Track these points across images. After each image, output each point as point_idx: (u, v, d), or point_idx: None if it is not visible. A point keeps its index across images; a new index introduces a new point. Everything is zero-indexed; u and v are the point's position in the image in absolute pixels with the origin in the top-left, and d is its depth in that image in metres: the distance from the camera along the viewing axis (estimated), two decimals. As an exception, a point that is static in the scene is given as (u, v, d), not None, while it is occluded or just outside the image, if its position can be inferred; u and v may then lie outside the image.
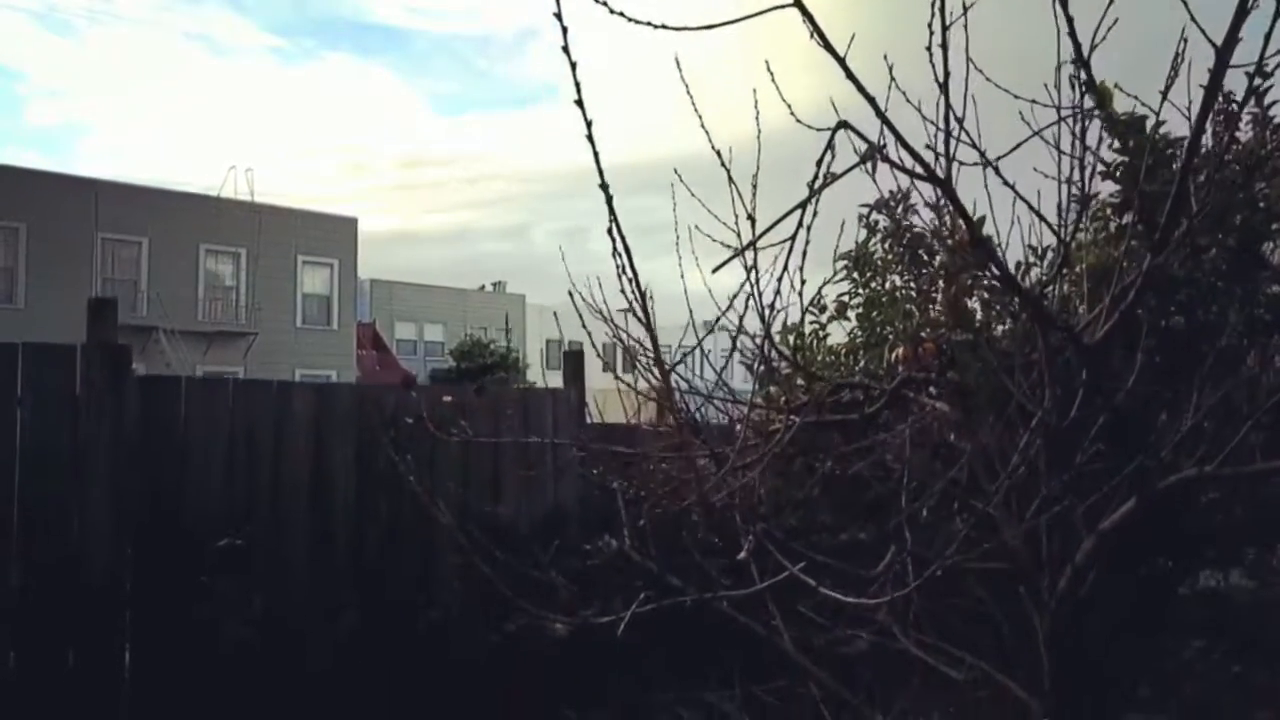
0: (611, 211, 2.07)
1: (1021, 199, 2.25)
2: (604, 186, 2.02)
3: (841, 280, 4.31)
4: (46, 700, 4.00)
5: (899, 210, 4.54)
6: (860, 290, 4.36)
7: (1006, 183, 2.25)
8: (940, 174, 1.90)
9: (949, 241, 3.78)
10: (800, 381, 2.94)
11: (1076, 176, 2.49)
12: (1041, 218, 2.28)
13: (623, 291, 2.22)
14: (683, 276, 2.64)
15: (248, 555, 4.21)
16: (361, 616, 4.60)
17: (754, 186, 2.42)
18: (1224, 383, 2.70)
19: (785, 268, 2.02)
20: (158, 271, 29.73)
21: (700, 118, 2.42)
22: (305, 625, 4.37)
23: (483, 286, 46.34)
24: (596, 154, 1.96)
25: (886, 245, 4.56)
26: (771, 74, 2.13)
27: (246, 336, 31.40)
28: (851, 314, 4.34)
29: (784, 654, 3.19)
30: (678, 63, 2.45)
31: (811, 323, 4.46)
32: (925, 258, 4.41)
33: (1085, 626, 2.76)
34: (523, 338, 40.35)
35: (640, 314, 2.20)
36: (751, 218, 2.38)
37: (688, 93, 2.36)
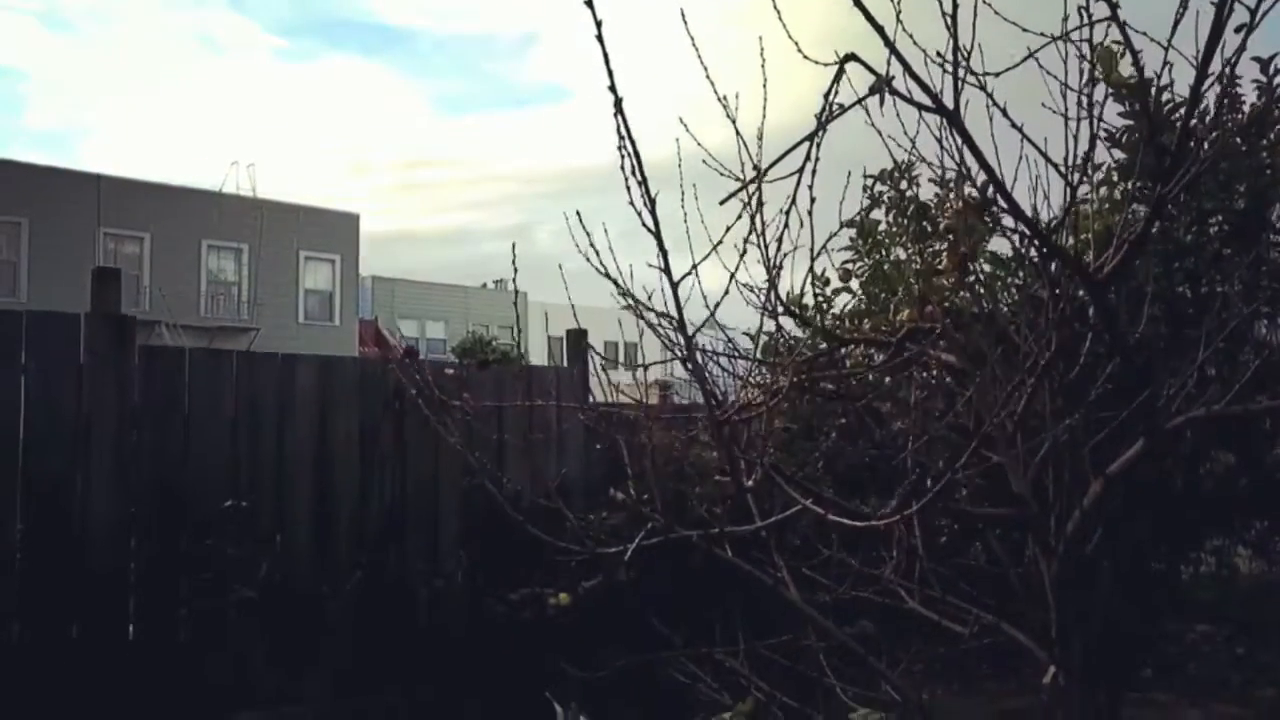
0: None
1: (1028, 140, 2.24)
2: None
3: (846, 249, 4.31)
4: (51, 664, 4.00)
5: (903, 182, 4.55)
6: (865, 258, 4.36)
7: (1014, 125, 2.24)
8: (949, 106, 1.90)
9: (956, 205, 3.77)
10: (803, 335, 2.93)
11: (1086, 133, 2.48)
12: (1049, 159, 2.27)
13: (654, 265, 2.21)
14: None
15: (253, 519, 4.21)
16: (365, 582, 4.60)
17: (759, 136, 2.41)
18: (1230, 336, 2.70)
19: (793, 201, 2.01)
20: (160, 266, 29.73)
21: (706, 68, 2.41)
22: (309, 589, 4.37)
23: (485, 284, 46.34)
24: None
25: (891, 217, 4.56)
26: (779, 12, 2.13)
27: (248, 332, 31.40)
28: (855, 282, 4.34)
29: (790, 613, 3.19)
30: (683, 15, 2.45)
31: (816, 294, 4.47)
32: (930, 229, 4.41)
33: (1095, 581, 2.76)
34: (525, 335, 40.23)
35: (664, 269, 2.18)
36: (757, 167, 2.38)
37: (697, 52, 2.35)
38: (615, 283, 3.15)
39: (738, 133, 2.50)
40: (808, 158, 1.96)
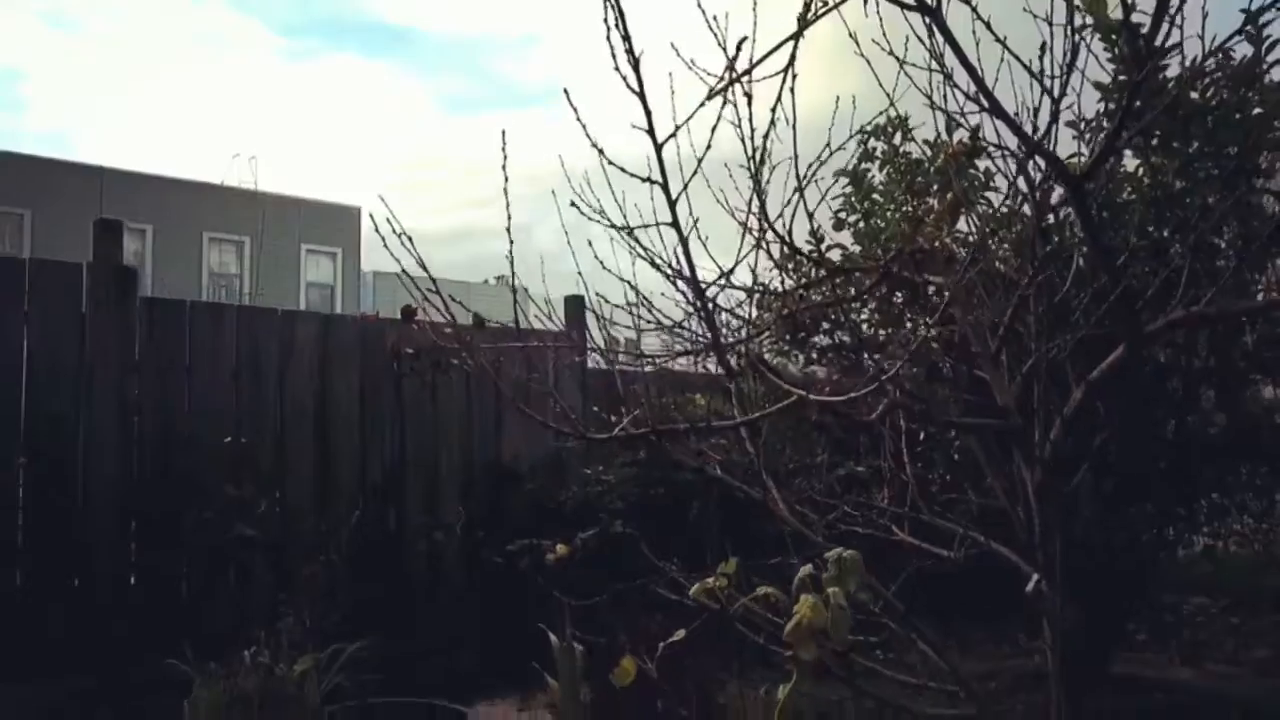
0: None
1: (1011, 53, 2.28)
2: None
3: (839, 197, 4.35)
4: (54, 610, 4.05)
5: (896, 136, 4.59)
6: (858, 208, 4.40)
7: (997, 38, 2.28)
8: (930, 2, 1.94)
9: (949, 150, 3.81)
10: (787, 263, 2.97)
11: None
12: (1030, 71, 2.31)
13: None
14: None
15: (254, 467, 4.26)
16: (364, 532, 4.65)
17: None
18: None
19: (778, 98, 2.06)
20: (161, 259, 29.79)
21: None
22: (310, 533, 4.42)
23: (486, 280, 46.37)
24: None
25: (884, 172, 4.60)
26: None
27: (250, 325, 31.39)
28: (848, 230, 4.38)
29: (781, 549, 3.23)
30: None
31: (809, 246, 4.51)
32: (923, 183, 4.46)
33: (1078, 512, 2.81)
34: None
35: (649, 130, 2.19)
36: (731, 67, 2.40)
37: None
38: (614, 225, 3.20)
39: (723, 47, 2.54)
40: (792, 58, 2.01)
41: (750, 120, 2.08)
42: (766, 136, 2.09)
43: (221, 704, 2.46)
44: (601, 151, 1.90)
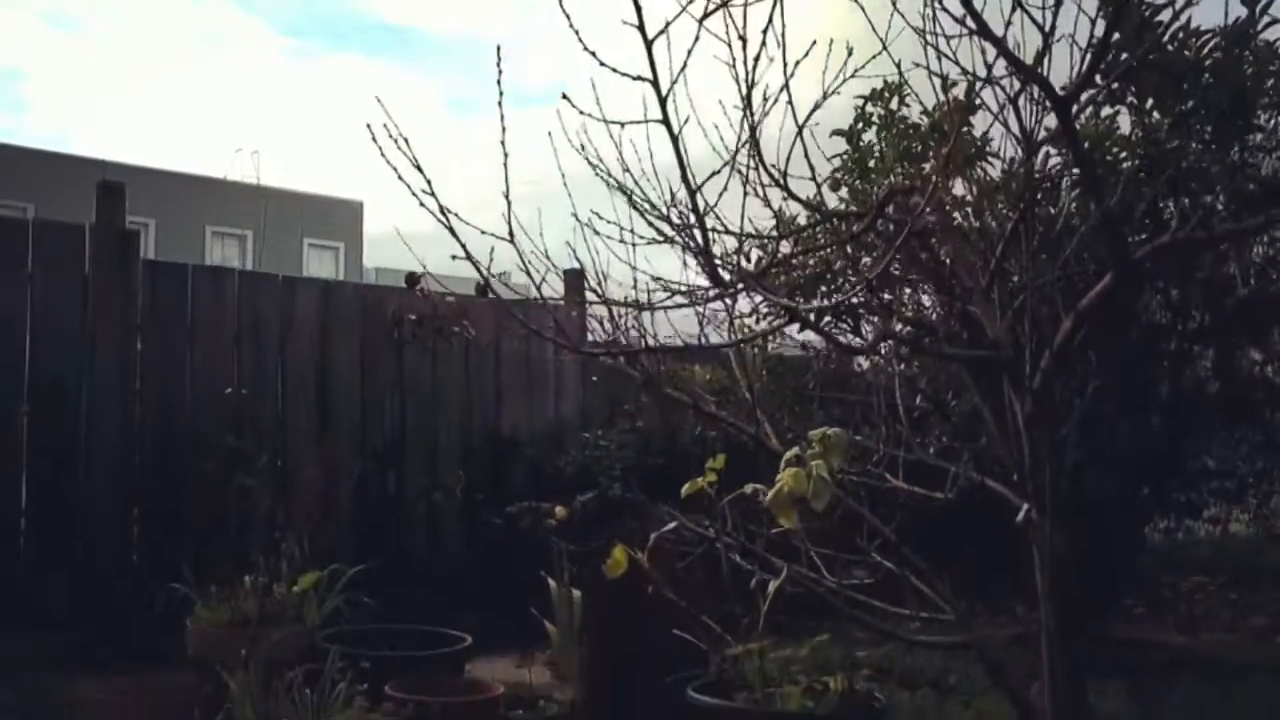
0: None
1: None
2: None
3: (835, 156, 4.38)
4: (57, 561, 4.09)
5: (893, 100, 4.61)
6: (854, 169, 4.43)
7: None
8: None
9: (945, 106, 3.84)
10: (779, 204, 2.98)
11: None
12: (1024, 8, 2.33)
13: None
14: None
15: (255, 422, 4.31)
16: (364, 492, 4.70)
17: None
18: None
19: (769, 20, 2.08)
20: (164, 252, 29.78)
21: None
22: (311, 491, 4.45)
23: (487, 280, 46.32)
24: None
25: (881, 137, 4.63)
26: None
27: (252, 320, 31.45)
28: (845, 191, 4.41)
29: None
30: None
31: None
32: (919, 149, 4.49)
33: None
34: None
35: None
36: None
37: None
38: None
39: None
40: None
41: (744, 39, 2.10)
42: (757, 59, 2.12)
43: (222, 623, 2.49)
44: (594, 54, 1.93)
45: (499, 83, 2.10)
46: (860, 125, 4.41)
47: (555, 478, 5.37)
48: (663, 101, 2.02)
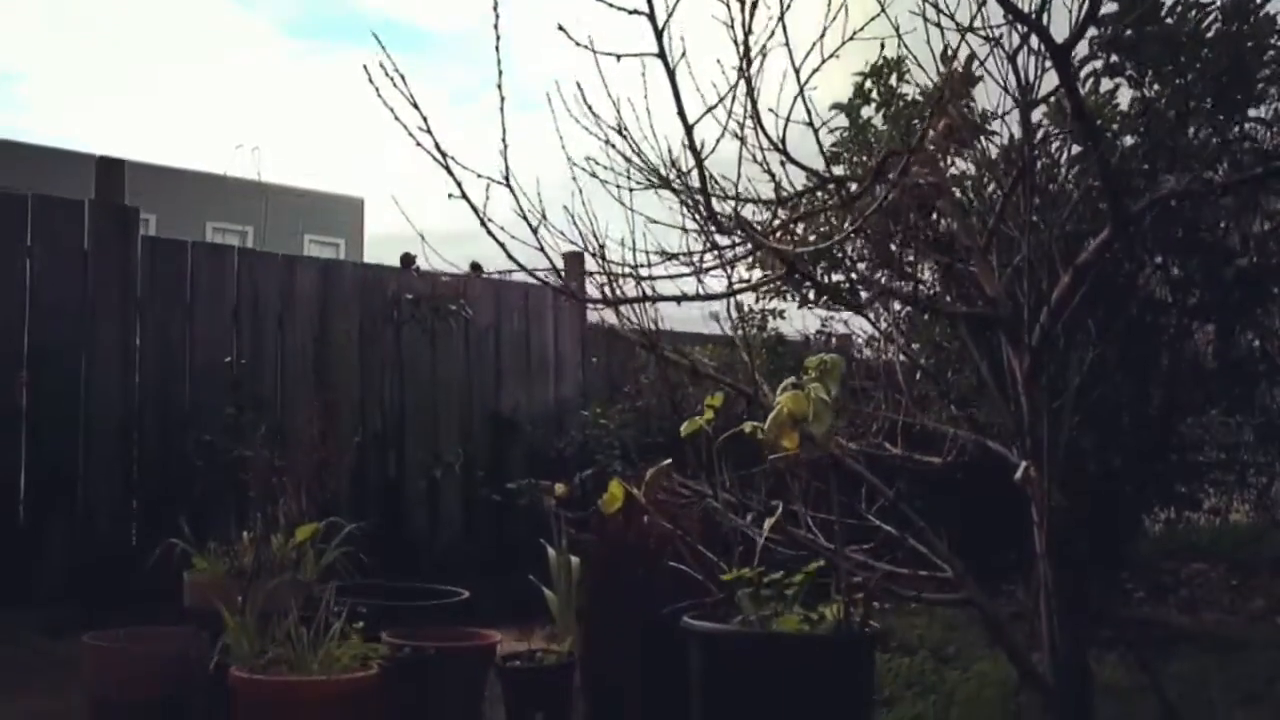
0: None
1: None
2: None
3: (835, 131, 4.38)
4: (59, 525, 4.10)
5: (893, 77, 4.61)
6: (852, 143, 4.43)
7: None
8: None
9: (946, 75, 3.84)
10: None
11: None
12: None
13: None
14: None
15: (255, 395, 4.32)
16: (360, 467, 4.70)
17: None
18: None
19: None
20: (165, 249, 29.82)
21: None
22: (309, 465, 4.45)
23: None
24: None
25: (880, 113, 4.63)
26: None
27: (253, 316, 31.42)
28: (843, 168, 4.41)
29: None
30: None
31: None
32: (918, 124, 4.48)
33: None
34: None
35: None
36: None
37: None
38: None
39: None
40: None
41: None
42: (754, 8, 2.12)
43: (220, 573, 2.49)
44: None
45: (495, 26, 2.07)
46: (859, 101, 4.41)
47: (555, 459, 5.37)
48: (659, 34, 2.02)
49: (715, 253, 2.66)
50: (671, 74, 2.06)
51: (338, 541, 2.48)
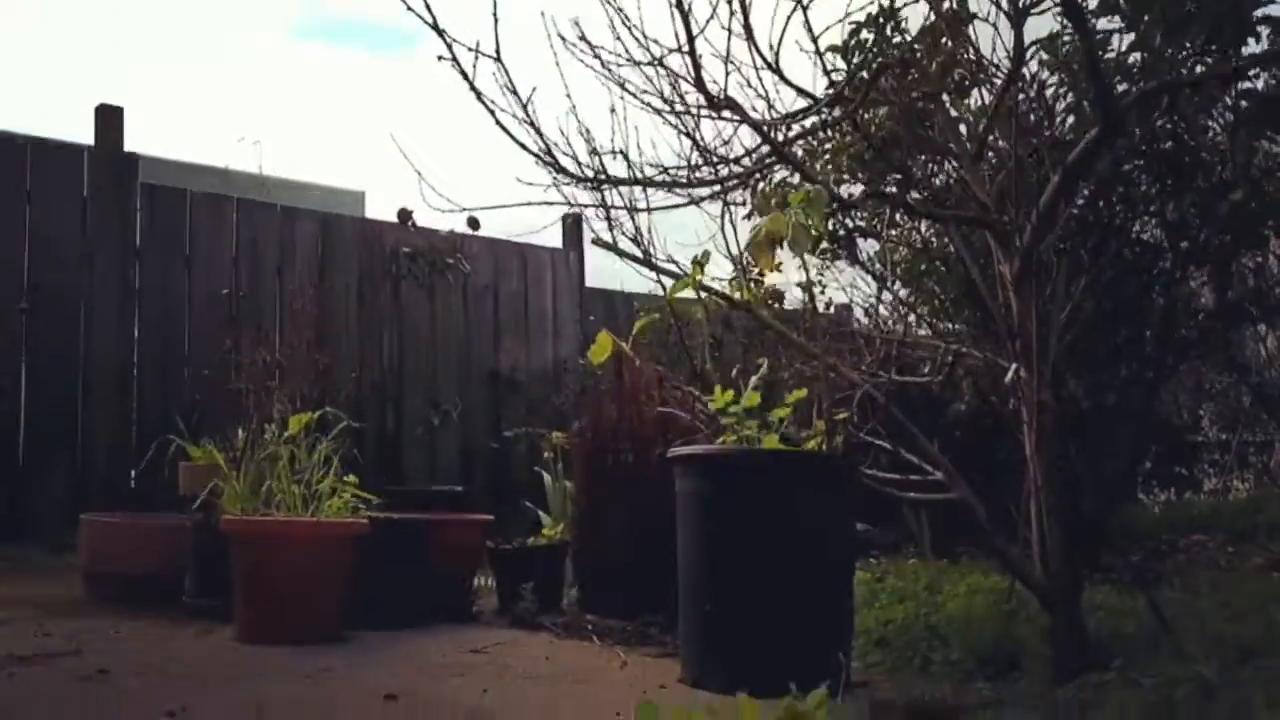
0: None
1: None
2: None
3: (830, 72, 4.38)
4: (61, 480, 4.13)
5: (888, 28, 4.62)
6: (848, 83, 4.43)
7: None
8: None
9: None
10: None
11: None
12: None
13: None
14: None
15: (254, 328, 4.34)
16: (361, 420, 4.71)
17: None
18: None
19: None
20: (166, 242, 29.88)
21: None
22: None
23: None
24: None
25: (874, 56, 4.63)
26: None
27: (254, 309, 31.50)
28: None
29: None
30: None
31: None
32: (914, 75, 4.49)
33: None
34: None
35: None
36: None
37: None
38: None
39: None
40: None
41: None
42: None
43: (218, 459, 2.50)
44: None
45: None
46: (854, 44, 4.42)
47: (553, 414, 5.39)
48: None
49: (709, 167, 2.67)
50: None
51: (334, 434, 2.49)
